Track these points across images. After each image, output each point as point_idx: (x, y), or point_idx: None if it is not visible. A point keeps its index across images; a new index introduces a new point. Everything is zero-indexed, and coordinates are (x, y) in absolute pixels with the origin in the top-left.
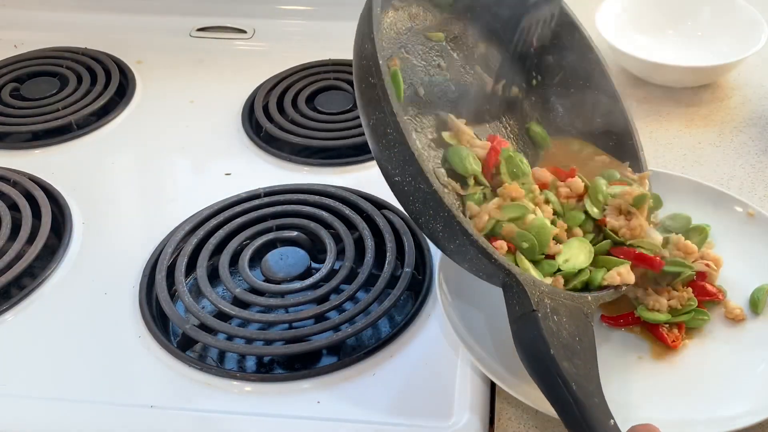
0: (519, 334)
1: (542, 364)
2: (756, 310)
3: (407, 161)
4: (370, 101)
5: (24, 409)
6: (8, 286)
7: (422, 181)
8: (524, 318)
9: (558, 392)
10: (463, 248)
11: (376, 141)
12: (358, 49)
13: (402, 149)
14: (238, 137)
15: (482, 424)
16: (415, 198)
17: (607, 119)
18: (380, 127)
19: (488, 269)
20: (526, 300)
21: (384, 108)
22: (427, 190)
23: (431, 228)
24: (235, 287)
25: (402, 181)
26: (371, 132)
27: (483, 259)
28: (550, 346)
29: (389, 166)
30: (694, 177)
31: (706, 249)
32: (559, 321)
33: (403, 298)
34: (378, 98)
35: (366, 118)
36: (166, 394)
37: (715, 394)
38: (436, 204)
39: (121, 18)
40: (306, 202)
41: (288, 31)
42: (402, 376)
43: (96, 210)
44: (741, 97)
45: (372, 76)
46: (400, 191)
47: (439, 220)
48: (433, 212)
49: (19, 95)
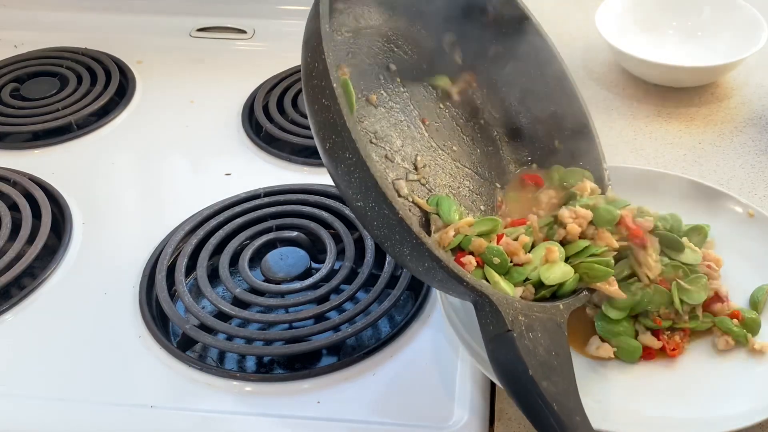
0: (495, 355)
1: (521, 385)
2: (756, 310)
3: (369, 187)
4: (325, 124)
5: (24, 409)
6: (8, 286)
7: (386, 207)
8: (499, 338)
9: (539, 413)
10: (432, 271)
11: (334, 166)
12: (307, 65)
13: (363, 175)
14: (238, 137)
15: (482, 424)
16: (380, 224)
17: (561, 108)
18: (338, 151)
19: (459, 290)
20: (500, 320)
21: (341, 132)
22: (392, 217)
23: (398, 251)
24: (235, 287)
25: (364, 206)
26: (328, 157)
27: (453, 281)
28: (528, 366)
29: (350, 191)
30: (694, 177)
31: (706, 249)
32: (534, 337)
33: (403, 298)
34: (333, 122)
35: (321, 141)
36: (166, 394)
37: (715, 394)
38: (402, 230)
39: (121, 18)
40: (306, 202)
41: (288, 31)
42: (402, 376)
43: (96, 210)
44: (741, 97)
45: (325, 98)
46: (362, 216)
47: (406, 245)
48: (399, 237)
49: (19, 95)
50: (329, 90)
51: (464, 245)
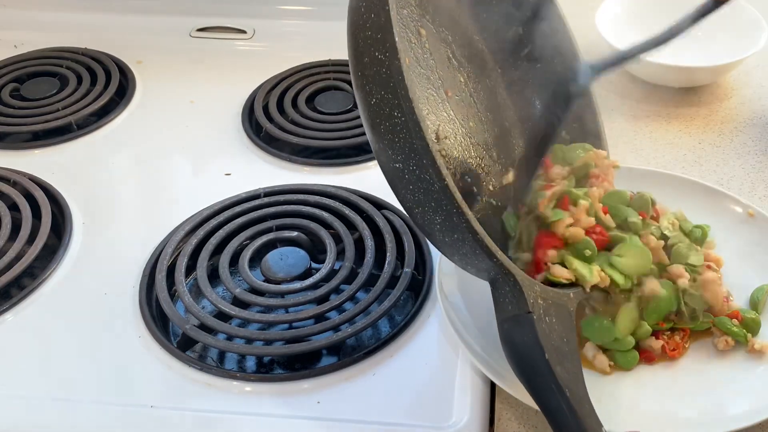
0: (510, 336)
1: (535, 369)
2: (756, 310)
3: (416, 150)
4: (374, 79)
5: (24, 409)
6: (8, 286)
7: (433, 173)
8: (517, 319)
9: (551, 399)
10: (459, 243)
11: (377, 123)
12: (359, 16)
13: (411, 136)
14: (238, 137)
15: (482, 424)
16: (417, 188)
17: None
18: (385, 108)
19: (482, 265)
20: (521, 300)
21: (396, 90)
22: (436, 184)
23: (428, 219)
24: (235, 287)
25: (404, 168)
26: (372, 112)
27: (482, 256)
28: (545, 350)
29: (390, 151)
30: (694, 177)
31: (706, 249)
32: (550, 322)
33: (403, 298)
34: (386, 77)
35: (366, 95)
36: (166, 394)
37: (715, 394)
38: (442, 198)
39: (121, 18)
40: (306, 203)
41: (288, 31)
42: (402, 376)
43: (96, 210)
44: (741, 97)
45: (380, 52)
46: (398, 178)
47: (441, 213)
48: (435, 204)
49: (19, 95)
50: (389, 43)
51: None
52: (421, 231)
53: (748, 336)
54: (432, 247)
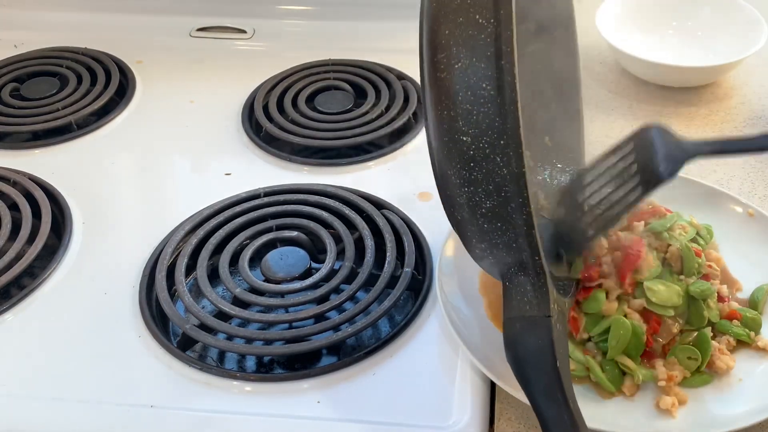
0: (520, 336)
1: (541, 375)
2: (756, 310)
3: (496, 128)
4: (464, 42)
5: (24, 409)
6: (8, 286)
7: (513, 158)
8: (533, 321)
9: (551, 407)
10: (499, 231)
11: (454, 90)
12: None
13: (497, 111)
14: (238, 137)
15: (482, 424)
16: (479, 167)
17: (562, 106)
18: (472, 76)
19: (512, 259)
20: (544, 303)
21: (497, 57)
22: (510, 167)
23: (474, 201)
24: (235, 287)
25: (472, 143)
26: (454, 77)
27: (523, 251)
28: (557, 357)
29: (460, 122)
30: (694, 177)
31: (708, 249)
32: (558, 330)
33: (403, 298)
34: (484, 43)
35: (449, 59)
36: (166, 394)
37: (716, 393)
38: (511, 186)
39: (121, 18)
40: (306, 202)
41: (288, 31)
42: (402, 376)
43: (96, 210)
44: (741, 97)
45: (481, 15)
46: (457, 152)
47: (498, 198)
48: (494, 188)
49: (19, 95)
50: (498, 6)
51: None
52: (456, 210)
53: (751, 334)
54: (432, 247)
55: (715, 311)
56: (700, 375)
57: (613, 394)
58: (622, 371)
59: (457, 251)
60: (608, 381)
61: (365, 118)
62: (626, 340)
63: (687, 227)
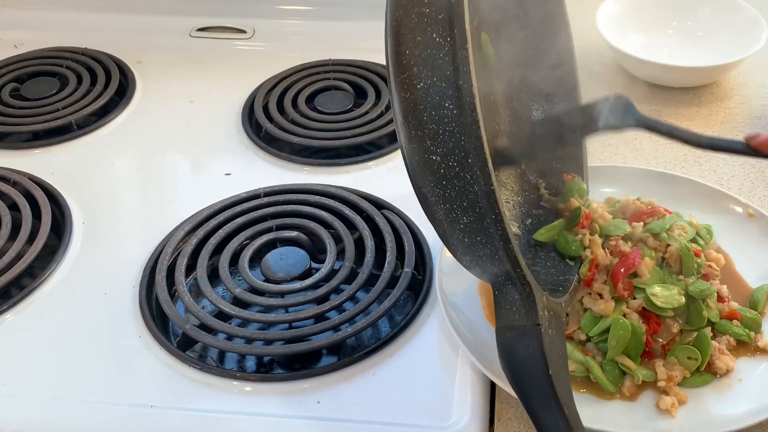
0: (511, 345)
1: (534, 383)
2: (756, 310)
3: (463, 147)
4: (425, 62)
5: (24, 409)
6: (8, 286)
7: (479, 177)
8: (523, 330)
9: (546, 414)
10: (479, 245)
11: (420, 110)
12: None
13: (463, 131)
14: (238, 137)
15: (482, 424)
16: (450, 185)
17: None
18: (435, 96)
19: (497, 270)
20: (532, 312)
21: (455, 80)
22: (479, 187)
23: (451, 216)
24: (235, 287)
25: (442, 162)
26: (419, 97)
27: (503, 263)
28: (549, 365)
29: (428, 141)
30: (694, 177)
31: (709, 249)
32: (551, 335)
33: (403, 298)
34: (442, 63)
35: (412, 79)
36: (166, 394)
37: (716, 394)
38: (483, 203)
39: (121, 18)
40: (306, 202)
41: (288, 31)
42: (402, 376)
43: (96, 210)
44: (741, 97)
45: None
46: (429, 170)
47: (472, 214)
48: (467, 205)
49: (19, 95)
50: (452, 25)
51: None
52: (437, 226)
53: (751, 334)
54: (432, 247)
55: (715, 311)
56: (700, 375)
57: (613, 394)
58: (622, 371)
59: None
60: (608, 381)
61: (365, 118)
62: (626, 341)
63: (687, 227)
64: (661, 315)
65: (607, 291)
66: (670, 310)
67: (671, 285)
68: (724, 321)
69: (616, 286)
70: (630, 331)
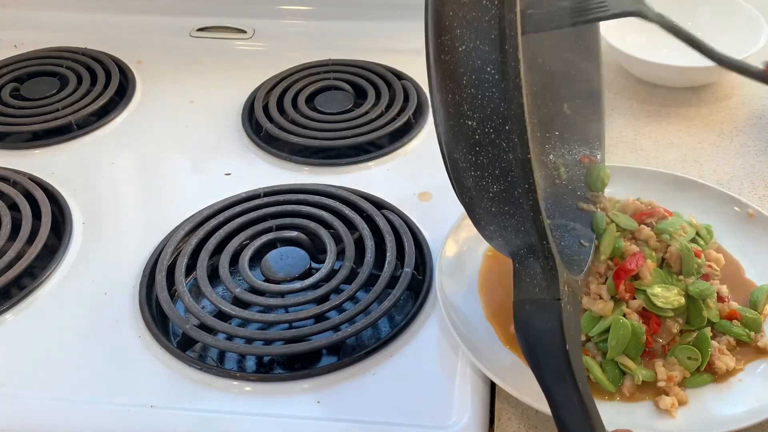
0: (529, 318)
1: (550, 358)
2: (756, 310)
3: (501, 113)
4: (470, 24)
5: (24, 409)
6: (8, 286)
7: (517, 144)
8: (543, 304)
9: (560, 391)
10: (507, 215)
11: (459, 74)
12: None
13: (501, 96)
14: (238, 137)
15: (482, 424)
16: (484, 151)
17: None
18: (476, 60)
19: (521, 242)
20: (553, 286)
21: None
22: (513, 155)
23: (481, 184)
24: (235, 287)
25: (477, 127)
26: (459, 60)
27: (530, 235)
28: (567, 340)
29: (465, 106)
30: (694, 177)
31: (708, 249)
32: (569, 312)
33: (403, 298)
34: (489, 26)
35: (454, 41)
36: (166, 394)
37: (716, 394)
38: (517, 172)
39: (121, 18)
40: (306, 202)
41: (288, 31)
42: (402, 376)
43: (96, 210)
44: (741, 97)
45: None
46: (462, 135)
47: (503, 183)
48: (500, 173)
49: (19, 95)
50: None
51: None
52: (463, 193)
53: (751, 334)
54: (432, 247)
55: (715, 311)
56: (700, 375)
57: (613, 394)
58: (622, 371)
59: (457, 251)
60: (608, 381)
61: (365, 118)
62: (626, 341)
63: (687, 227)
64: (661, 315)
65: (606, 291)
66: (670, 311)
67: (671, 285)
68: (724, 321)
69: (618, 288)
70: (630, 331)
